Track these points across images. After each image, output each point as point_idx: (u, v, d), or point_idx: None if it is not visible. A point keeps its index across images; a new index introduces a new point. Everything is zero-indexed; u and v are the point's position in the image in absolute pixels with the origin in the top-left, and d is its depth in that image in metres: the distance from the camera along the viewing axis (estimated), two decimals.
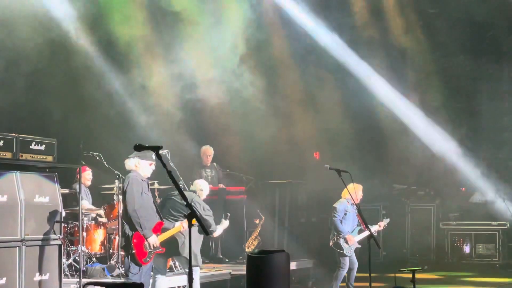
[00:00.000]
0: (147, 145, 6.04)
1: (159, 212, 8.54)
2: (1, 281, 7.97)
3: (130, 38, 13.24)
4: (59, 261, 8.70)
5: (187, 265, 8.39)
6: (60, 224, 8.75)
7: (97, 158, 10.80)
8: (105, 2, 13.01)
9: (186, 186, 11.04)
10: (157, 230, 8.36)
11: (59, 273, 8.71)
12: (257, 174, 14.15)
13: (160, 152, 5.94)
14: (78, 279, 9.34)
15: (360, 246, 10.91)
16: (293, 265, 11.47)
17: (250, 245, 12.82)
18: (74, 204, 10.41)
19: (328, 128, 15.21)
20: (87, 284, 6.87)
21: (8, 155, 8.25)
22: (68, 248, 10.18)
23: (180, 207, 8.98)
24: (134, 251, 8.11)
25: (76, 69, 12.78)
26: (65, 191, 10.24)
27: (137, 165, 8.39)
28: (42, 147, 8.65)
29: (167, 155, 10.45)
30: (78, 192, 9.62)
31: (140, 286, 5.81)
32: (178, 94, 13.74)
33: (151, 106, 13.60)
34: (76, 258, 10.04)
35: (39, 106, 12.06)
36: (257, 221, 13.19)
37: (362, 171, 12.96)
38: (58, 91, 12.63)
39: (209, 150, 13.28)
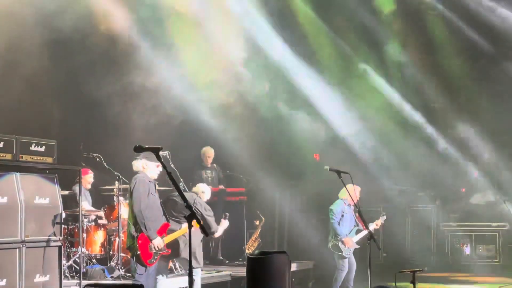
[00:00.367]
0: (147, 146, 6.03)
1: (165, 213, 8.52)
2: (1, 283, 7.96)
3: (130, 38, 13.23)
4: (59, 263, 8.70)
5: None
6: (60, 225, 8.75)
7: (97, 159, 10.80)
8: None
9: (186, 187, 11.04)
10: (162, 232, 8.34)
11: (59, 274, 8.71)
12: (257, 175, 14.13)
13: (160, 153, 5.93)
14: (78, 281, 9.32)
15: (358, 246, 10.89)
16: (293, 266, 11.46)
17: (250, 247, 12.81)
18: (74, 206, 10.40)
19: (328, 129, 15.19)
20: (87, 285, 6.87)
21: (8, 156, 8.25)
22: (68, 250, 10.17)
23: (181, 208, 8.98)
24: (139, 252, 8.09)
25: (76, 70, 12.77)
26: (65, 192, 10.24)
27: (144, 167, 8.38)
28: (42, 149, 8.65)
29: (168, 156, 10.44)
30: (78, 193, 9.61)
31: (140, 287, 5.81)
32: (179, 95, 13.72)
33: (152, 107, 13.58)
34: (76, 259, 10.03)
35: (39, 107, 12.05)
36: (257, 223, 13.19)
37: (362, 172, 12.96)
38: (58, 92, 12.63)
39: (210, 151, 13.28)
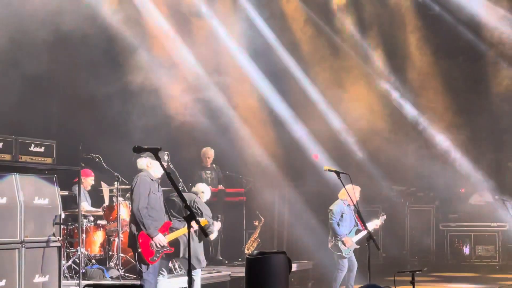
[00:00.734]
0: (146, 146, 6.04)
1: (168, 212, 8.50)
2: (1, 283, 7.97)
3: (131, 39, 13.23)
4: (58, 263, 8.70)
5: (192, 267, 8.42)
6: (59, 226, 8.75)
7: (97, 160, 10.80)
8: (110, 1, 13.01)
9: (185, 188, 11.04)
10: (164, 230, 8.30)
11: (59, 275, 8.71)
12: (256, 175, 14.13)
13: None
14: (77, 281, 9.33)
15: (358, 246, 10.90)
16: (292, 266, 11.43)
17: (250, 247, 12.82)
18: (74, 206, 10.40)
19: (327, 129, 15.20)
20: (86, 286, 6.86)
21: (7, 157, 8.26)
22: (68, 250, 10.17)
23: (180, 208, 8.98)
24: (140, 250, 8.06)
25: (76, 70, 12.77)
26: (65, 193, 10.24)
27: (148, 165, 8.34)
28: (42, 149, 8.65)
29: (166, 157, 10.42)
30: (77, 194, 9.61)
31: (140, 287, 5.81)
32: (179, 95, 13.72)
33: (151, 107, 13.58)
34: (76, 260, 10.02)
35: (38, 108, 12.06)
36: (257, 223, 13.19)
37: (361, 173, 12.97)
38: (58, 92, 12.63)
39: (210, 152, 13.29)
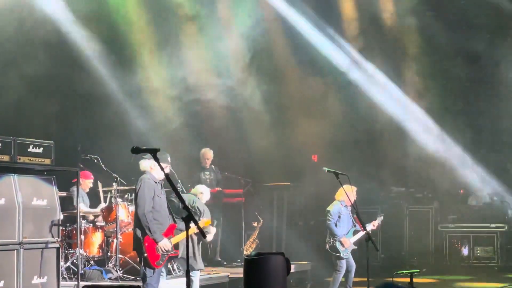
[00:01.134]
0: (144, 147, 6.02)
1: (172, 214, 8.43)
2: None
3: (131, 39, 13.23)
4: (57, 264, 8.69)
5: (191, 268, 8.41)
6: (58, 227, 8.74)
7: (95, 161, 10.80)
8: (107, 3, 12.99)
9: (184, 189, 11.03)
10: (169, 233, 8.20)
11: (57, 276, 8.71)
12: (255, 176, 14.13)
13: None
14: (76, 282, 9.32)
15: (356, 247, 10.90)
16: (291, 267, 11.43)
17: (248, 248, 12.82)
18: (71, 208, 10.40)
19: (327, 130, 15.20)
20: (85, 287, 6.86)
21: (5, 158, 8.24)
22: (66, 251, 10.17)
23: (179, 209, 8.97)
24: (146, 254, 7.96)
25: (76, 71, 12.77)
26: (63, 194, 10.23)
27: (152, 167, 8.23)
28: (40, 150, 8.64)
29: (169, 158, 10.41)
30: (76, 195, 9.60)
31: None
32: (178, 96, 13.72)
33: (151, 108, 13.58)
34: (74, 261, 10.02)
35: (37, 108, 12.05)
36: (255, 224, 13.19)
37: (360, 174, 12.96)
38: (57, 93, 12.62)
39: (209, 153, 13.28)
